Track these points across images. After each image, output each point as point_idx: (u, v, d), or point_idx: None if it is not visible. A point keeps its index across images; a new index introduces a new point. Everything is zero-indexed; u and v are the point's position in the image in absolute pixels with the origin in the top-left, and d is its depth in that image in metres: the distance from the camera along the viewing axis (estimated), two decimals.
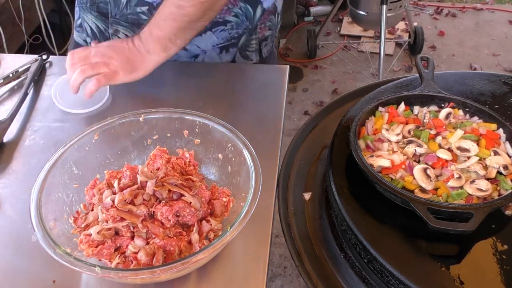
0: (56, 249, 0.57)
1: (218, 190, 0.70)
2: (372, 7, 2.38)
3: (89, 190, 0.69)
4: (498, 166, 0.68)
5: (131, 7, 0.98)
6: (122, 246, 0.63)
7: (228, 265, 0.67)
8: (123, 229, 0.63)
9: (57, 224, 0.63)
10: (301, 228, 0.74)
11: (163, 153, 0.73)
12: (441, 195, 0.66)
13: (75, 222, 0.66)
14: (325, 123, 0.90)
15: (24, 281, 0.65)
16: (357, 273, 0.67)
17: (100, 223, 0.63)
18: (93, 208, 0.67)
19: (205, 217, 0.67)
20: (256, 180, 0.65)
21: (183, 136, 0.76)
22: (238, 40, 1.04)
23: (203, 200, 0.67)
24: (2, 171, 0.80)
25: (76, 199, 0.69)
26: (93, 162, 0.73)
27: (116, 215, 0.62)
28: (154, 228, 0.63)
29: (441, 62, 2.79)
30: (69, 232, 0.64)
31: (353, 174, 0.71)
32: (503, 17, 3.19)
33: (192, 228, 0.65)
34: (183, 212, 0.64)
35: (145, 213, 0.63)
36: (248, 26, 1.03)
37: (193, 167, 0.73)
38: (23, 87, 0.94)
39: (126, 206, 0.63)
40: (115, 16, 1.01)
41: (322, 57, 2.88)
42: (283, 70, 1.00)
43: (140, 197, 0.65)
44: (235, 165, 0.71)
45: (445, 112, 0.77)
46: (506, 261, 0.60)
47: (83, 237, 0.62)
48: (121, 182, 0.67)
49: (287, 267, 1.79)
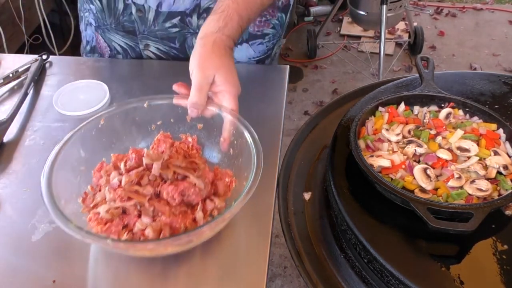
0: (68, 224, 0.59)
1: (221, 172, 0.72)
2: (372, 7, 2.38)
3: (96, 173, 0.70)
4: (498, 166, 0.68)
5: (159, 23, 0.96)
6: (129, 223, 0.64)
7: (228, 265, 0.67)
8: (131, 208, 0.64)
9: (66, 203, 0.65)
10: (301, 228, 0.74)
11: (166, 137, 0.74)
12: (441, 195, 0.66)
13: (84, 202, 0.67)
14: (325, 123, 0.90)
15: (24, 281, 0.65)
16: (357, 273, 0.67)
17: (108, 202, 0.65)
18: (101, 189, 0.68)
19: (208, 196, 0.69)
20: (257, 158, 0.67)
21: (186, 121, 0.77)
22: (272, 51, 1.02)
23: (207, 181, 0.69)
24: (2, 171, 0.80)
25: (84, 181, 0.71)
26: (99, 146, 0.75)
27: (123, 195, 0.64)
28: (161, 206, 0.65)
29: (441, 62, 2.79)
30: (78, 211, 0.66)
31: (353, 174, 0.71)
32: (503, 17, 3.20)
33: (197, 207, 0.66)
34: (187, 192, 0.66)
35: (151, 192, 0.65)
36: (281, 34, 1.01)
37: (196, 151, 0.75)
38: (23, 87, 0.94)
39: (133, 187, 0.65)
40: (143, 32, 0.99)
41: (322, 57, 2.88)
42: (283, 70, 1.00)
43: (146, 178, 0.66)
44: (237, 147, 0.73)
45: (445, 112, 0.77)
46: (506, 261, 0.60)
47: (92, 215, 0.64)
48: (127, 164, 0.69)
49: (287, 267, 1.79)
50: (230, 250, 0.68)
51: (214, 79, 0.71)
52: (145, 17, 0.96)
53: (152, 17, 0.96)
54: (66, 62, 1.07)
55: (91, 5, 0.98)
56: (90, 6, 0.99)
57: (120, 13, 0.97)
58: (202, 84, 0.71)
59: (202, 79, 0.71)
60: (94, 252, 0.69)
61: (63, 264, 0.67)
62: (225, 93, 0.73)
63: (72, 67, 1.06)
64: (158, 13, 0.95)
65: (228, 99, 0.73)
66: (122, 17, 0.98)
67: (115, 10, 0.97)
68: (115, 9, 0.97)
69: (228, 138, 0.73)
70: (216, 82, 0.72)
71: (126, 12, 0.97)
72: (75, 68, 1.05)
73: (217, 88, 0.73)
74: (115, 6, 0.96)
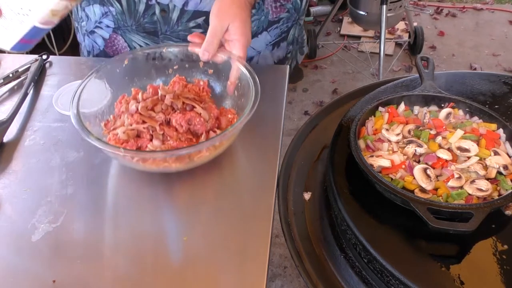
0: (89, 135, 0.70)
1: (225, 110, 0.83)
2: (372, 7, 2.38)
3: (118, 104, 0.82)
4: (498, 166, 0.68)
5: (182, 23, 0.97)
6: (142, 146, 0.75)
7: (228, 265, 0.67)
8: (144, 131, 0.76)
9: (90, 125, 0.76)
10: (301, 228, 0.74)
11: (181, 80, 0.86)
12: (441, 195, 0.66)
13: (106, 126, 0.80)
14: (325, 123, 0.90)
15: (24, 281, 0.65)
16: (357, 273, 0.67)
17: (126, 125, 0.77)
18: (121, 116, 0.80)
19: (212, 128, 0.79)
20: (255, 97, 0.75)
21: (199, 67, 0.88)
22: (287, 33, 1.05)
23: (212, 115, 0.79)
24: (2, 171, 0.80)
25: (107, 112, 0.83)
26: (123, 83, 0.86)
27: (138, 119, 0.76)
28: (169, 131, 0.76)
29: (441, 62, 2.79)
30: (100, 133, 0.78)
31: (353, 174, 0.71)
32: (503, 17, 3.20)
33: (201, 137, 0.77)
34: (194, 121, 0.77)
35: (162, 118, 0.76)
36: (296, 17, 1.04)
37: (206, 93, 0.86)
38: (23, 87, 0.94)
39: (147, 112, 0.77)
40: (165, 32, 1.00)
41: (322, 57, 2.88)
42: (283, 70, 1.00)
43: (159, 106, 0.78)
44: (240, 89, 0.82)
45: (445, 112, 0.77)
46: (506, 261, 0.60)
47: (111, 135, 0.77)
48: (144, 95, 0.81)
49: (287, 267, 1.79)
50: (230, 250, 0.68)
51: (228, 28, 0.79)
52: (169, 17, 0.97)
53: (176, 17, 0.97)
54: (66, 62, 1.07)
55: (111, 7, 0.99)
56: (109, 8, 0.99)
57: (141, 15, 0.98)
58: (216, 31, 0.78)
59: (217, 27, 0.78)
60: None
61: (63, 264, 0.67)
62: (236, 42, 0.80)
63: (72, 67, 1.06)
64: (183, 12, 0.96)
65: (238, 47, 0.80)
66: (143, 19, 0.99)
67: (135, 12, 0.98)
68: (135, 12, 0.97)
69: (234, 82, 0.82)
70: (229, 31, 0.79)
71: (148, 13, 0.97)
72: (75, 68, 1.05)
73: (230, 37, 0.80)
74: (135, 9, 0.97)
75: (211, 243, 0.69)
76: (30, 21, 0.68)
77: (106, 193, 0.77)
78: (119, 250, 0.68)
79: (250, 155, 0.83)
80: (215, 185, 0.78)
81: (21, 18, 0.68)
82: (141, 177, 0.79)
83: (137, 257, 0.67)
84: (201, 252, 0.68)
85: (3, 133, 0.86)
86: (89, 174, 0.79)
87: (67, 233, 0.70)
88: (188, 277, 0.65)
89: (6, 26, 0.69)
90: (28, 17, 0.68)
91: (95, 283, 0.65)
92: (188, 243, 0.69)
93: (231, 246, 0.69)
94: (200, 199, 0.76)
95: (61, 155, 0.82)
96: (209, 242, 0.69)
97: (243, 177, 0.79)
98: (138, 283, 0.65)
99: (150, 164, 0.74)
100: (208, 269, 0.66)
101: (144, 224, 0.72)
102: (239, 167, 0.82)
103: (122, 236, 0.70)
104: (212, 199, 0.76)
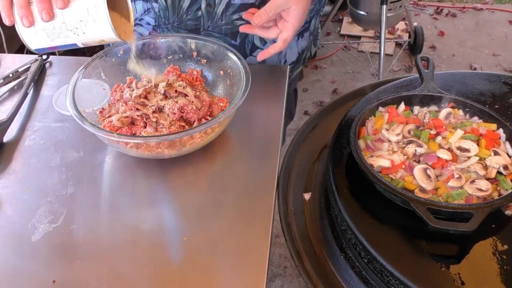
0: (84, 121, 0.72)
1: (217, 98, 0.87)
2: (372, 7, 2.38)
3: (113, 92, 0.85)
4: (498, 166, 0.68)
5: (226, 16, 0.97)
6: (136, 133, 0.78)
7: (228, 265, 0.67)
8: (138, 118, 0.78)
9: (86, 112, 0.79)
10: (301, 228, 0.74)
11: (175, 69, 0.89)
12: (441, 195, 0.66)
13: (101, 114, 0.83)
14: (325, 123, 0.90)
15: (24, 281, 0.65)
16: (357, 273, 0.67)
17: (120, 113, 0.79)
18: (116, 104, 0.82)
19: (204, 116, 0.81)
20: (245, 78, 0.79)
21: (193, 57, 0.92)
22: (310, 24, 1.06)
23: (204, 102, 0.82)
24: (2, 171, 0.80)
25: (103, 100, 0.85)
26: (118, 72, 0.88)
27: (132, 107, 0.78)
28: (162, 118, 0.78)
29: (441, 62, 2.79)
30: (95, 121, 0.81)
31: (353, 174, 0.72)
32: (503, 17, 3.20)
33: (193, 125, 0.79)
34: (186, 108, 0.79)
35: (155, 106, 0.78)
36: (318, 8, 1.05)
37: (199, 82, 0.89)
38: (23, 87, 0.94)
39: (140, 100, 0.79)
40: (207, 28, 0.99)
41: (322, 57, 2.88)
42: (283, 70, 1.00)
43: (153, 94, 0.81)
44: (232, 77, 0.86)
45: (445, 112, 0.77)
46: (506, 261, 0.60)
47: (106, 122, 0.79)
48: (138, 83, 0.83)
49: (287, 267, 1.79)
50: (230, 250, 0.68)
51: (290, 10, 0.82)
52: (213, 11, 0.96)
53: (221, 10, 0.96)
54: (66, 62, 1.07)
55: (154, 3, 0.98)
56: (152, 5, 0.99)
57: (184, 11, 0.97)
58: (278, 5, 0.82)
59: (281, 2, 0.82)
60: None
61: (63, 264, 0.67)
62: (290, 25, 0.83)
63: (72, 67, 1.05)
64: (229, 6, 0.95)
65: (290, 30, 0.84)
66: (186, 15, 0.98)
67: (179, 8, 0.97)
68: (179, 8, 0.97)
69: (269, 53, 0.87)
70: (289, 13, 0.83)
71: (192, 9, 0.97)
72: (75, 68, 1.04)
73: (288, 18, 0.83)
74: (179, 5, 0.96)
75: (211, 243, 0.69)
76: (76, 39, 0.68)
77: (106, 193, 0.77)
78: (119, 250, 0.68)
79: (250, 155, 0.83)
80: (215, 185, 0.78)
81: (69, 34, 0.68)
82: (142, 177, 0.79)
83: (137, 257, 0.67)
84: (201, 252, 0.68)
85: (3, 133, 0.86)
86: (89, 174, 0.79)
87: (67, 233, 0.70)
88: (188, 277, 0.65)
89: (48, 32, 0.68)
90: (76, 36, 0.68)
91: (95, 283, 0.65)
92: (188, 243, 0.69)
93: (231, 246, 0.69)
94: (200, 200, 0.76)
95: (61, 155, 0.83)
96: (209, 242, 0.69)
97: (243, 177, 0.79)
98: (138, 283, 0.65)
99: (143, 150, 0.76)
100: (208, 269, 0.66)
101: (144, 225, 0.72)
102: (239, 167, 0.82)
103: (122, 236, 0.70)
104: (212, 199, 0.76)
